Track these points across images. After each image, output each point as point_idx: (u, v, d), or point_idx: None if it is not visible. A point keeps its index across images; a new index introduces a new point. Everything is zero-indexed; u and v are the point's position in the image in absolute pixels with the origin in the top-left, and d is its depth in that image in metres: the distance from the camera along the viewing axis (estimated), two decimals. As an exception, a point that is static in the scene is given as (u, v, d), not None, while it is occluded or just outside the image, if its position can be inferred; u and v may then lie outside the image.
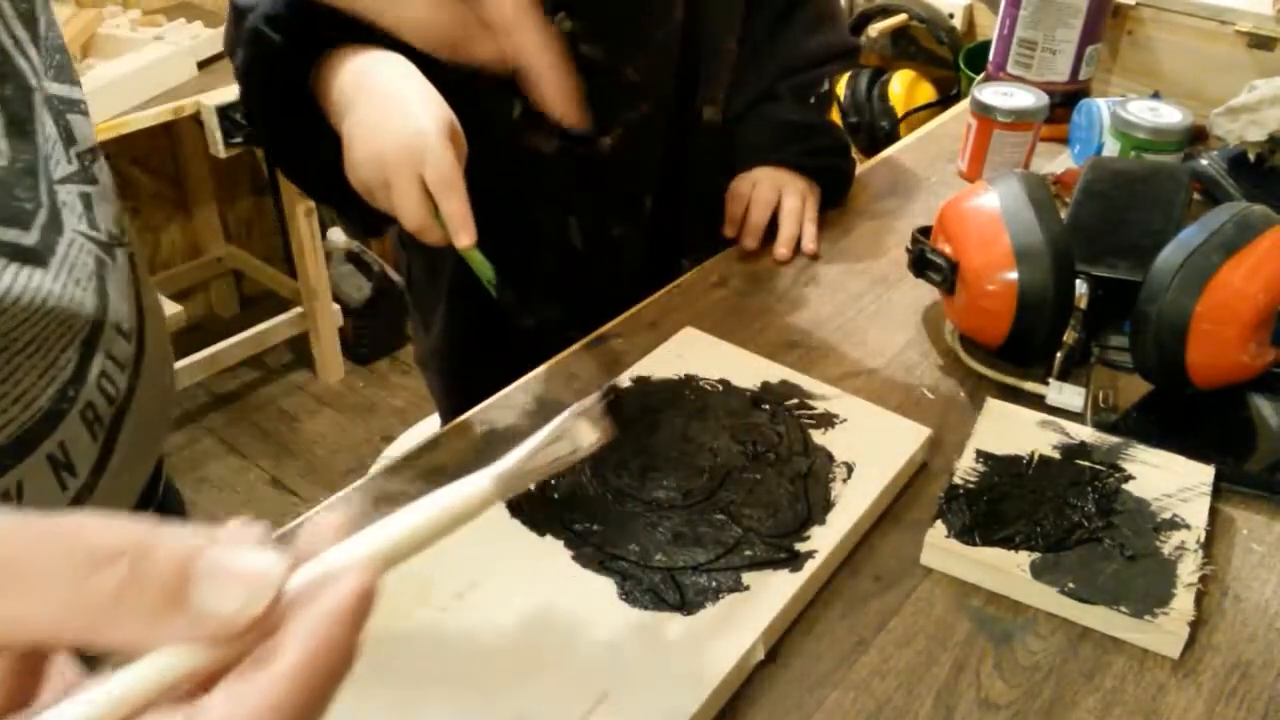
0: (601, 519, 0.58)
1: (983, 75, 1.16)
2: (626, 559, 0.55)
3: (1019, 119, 0.96)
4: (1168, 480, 0.62)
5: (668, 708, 0.48)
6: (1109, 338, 0.74)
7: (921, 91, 2.09)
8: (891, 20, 2.10)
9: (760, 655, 0.52)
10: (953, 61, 2.00)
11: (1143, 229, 0.74)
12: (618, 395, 0.35)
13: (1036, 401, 0.70)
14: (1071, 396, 0.70)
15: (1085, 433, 0.66)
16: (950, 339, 0.77)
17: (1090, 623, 0.55)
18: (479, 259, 0.64)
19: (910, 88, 2.09)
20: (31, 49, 0.48)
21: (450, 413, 1.01)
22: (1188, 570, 0.56)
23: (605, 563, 0.55)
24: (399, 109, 0.62)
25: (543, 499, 0.59)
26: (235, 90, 1.90)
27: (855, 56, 1.00)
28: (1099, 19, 1.05)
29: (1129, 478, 0.62)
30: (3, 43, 0.46)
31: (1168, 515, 0.60)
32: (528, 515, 0.58)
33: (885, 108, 2.08)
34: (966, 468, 0.63)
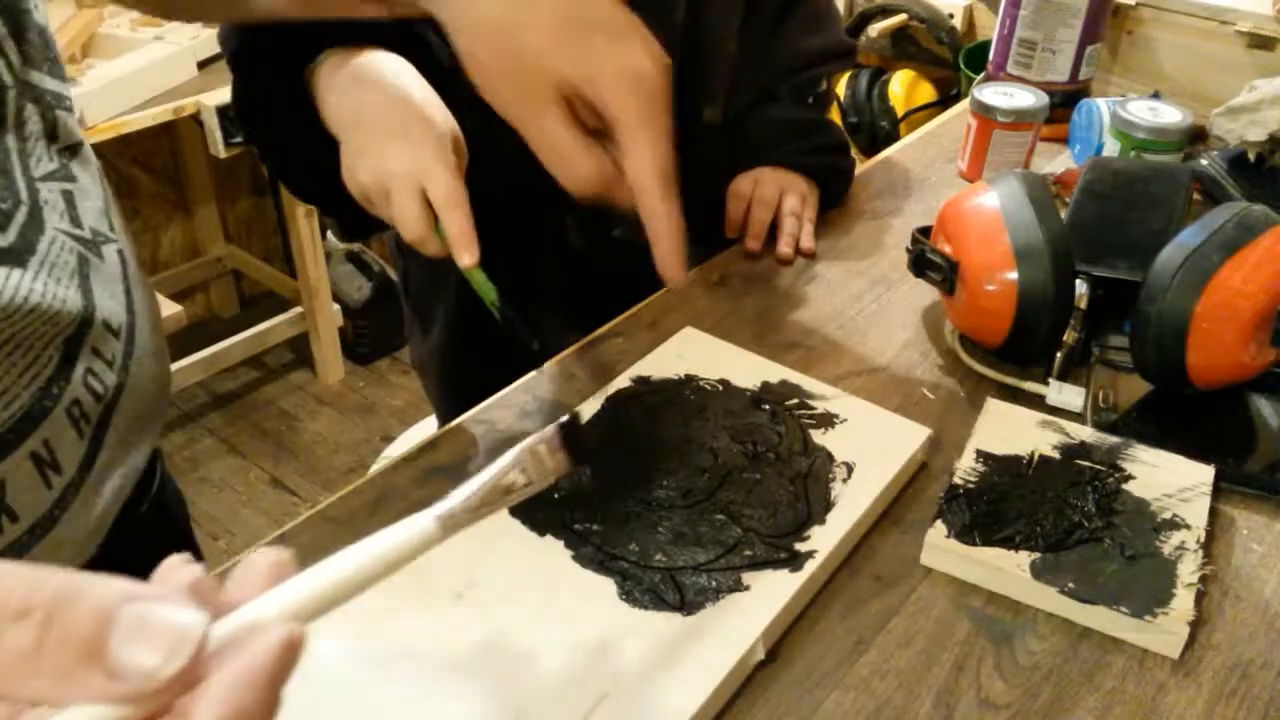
0: (601, 519, 0.58)
1: (983, 75, 1.16)
2: (626, 559, 0.55)
3: (1019, 119, 0.96)
4: (1168, 480, 0.62)
5: (668, 708, 0.48)
6: (1109, 338, 0.74)
7: (921, 91, 2.09)
8: (891, 20, 2.10)
9: (760, 655, 0.52)
10: (953, 61, 2.00)
11: (1143, 229, 0.74)
12: (578, 424, 0.35)
13: (1036, 401, 0.70)
14: (1071, 396, 0.70)
15: (1085, 433, 0.66)
16: (950, 339, 0.77)
17: (1090, 623, 0.55)
18: (481, 279, 0.63)
19: (910, 88, 2.08)
20: (10, 44, 0.47)
21: (448, 416, 1.01)
22: (1188, 570, 0.56)
23: (605, 563, 0.55)
24: (401, 118, 0.61)
25: (543, 499, 0.59)
26: (235, 90, 1.88)
27: (852, 56, 1.01)
28: (1099, 19, 1.05)
29: (1129, 478, 0.62)
30: None
31: (1168, 515, 0.60)
32: (528, 515, 0.58)
33: (885, 108, 2.08)
34: (966, 468, 0.63)
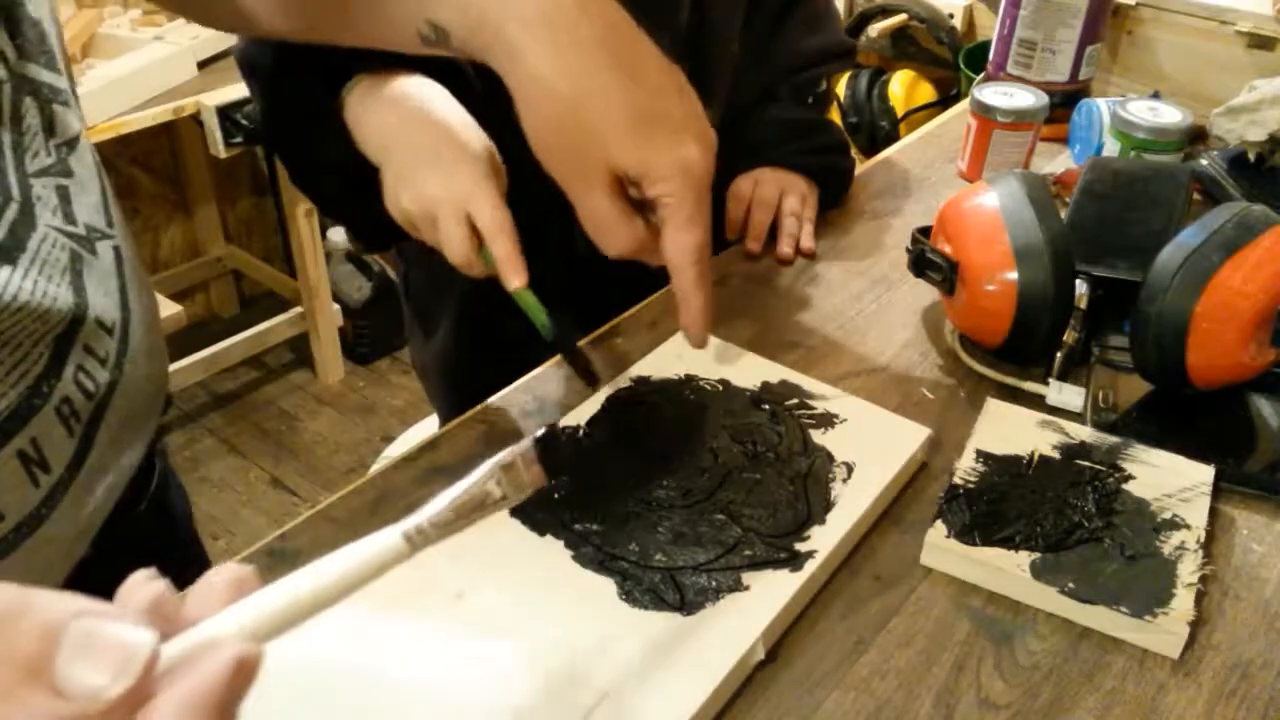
0: (601, 519, 0.58)
1: (983, 75, 1.16)
2: (626, 559, 0.55)
3: (1019, 119, 0.96)
4: (1168, 480, 0.62)
5: (668, 708, 0.48)
6: (1109, 338, 0.74)
7: (921, 91, 2.09)
8: (891, 20, 2.10)
9: (760, 655, 0.52)
10: (952, 61, 2.00)
11: (1143, 229, 0.74)
12: (555, 437, 0.34)
13: (1036, 401, 0.70)
14: (1071, 396, 0.70)
15: (1085, 433, 0.66)
16: (950, 339, 0.77)
17: (1090, 623, 0.55)
18: (531, 301, 0.64)
19: (910, 88, 2.09)
20: (3, 37, 0.47)
21: (451, 419, 1.01)
22: (1188, 570, 0.56)
23: (605, 563, 0.55)
24: (440, 143, 0.62)
25: (543, 499, 0.59)
26: (235, 90, 1.90)
27: (852, 56, 1.01)
28: (1099, 19, 1.05)
29: (1129, 478, 0.62)
30: None
31: (1168, 515, 0.60)
32: (528, 515, 0.58)
33: (885, 108, 2.08)
34: (966, 468, 0.63)
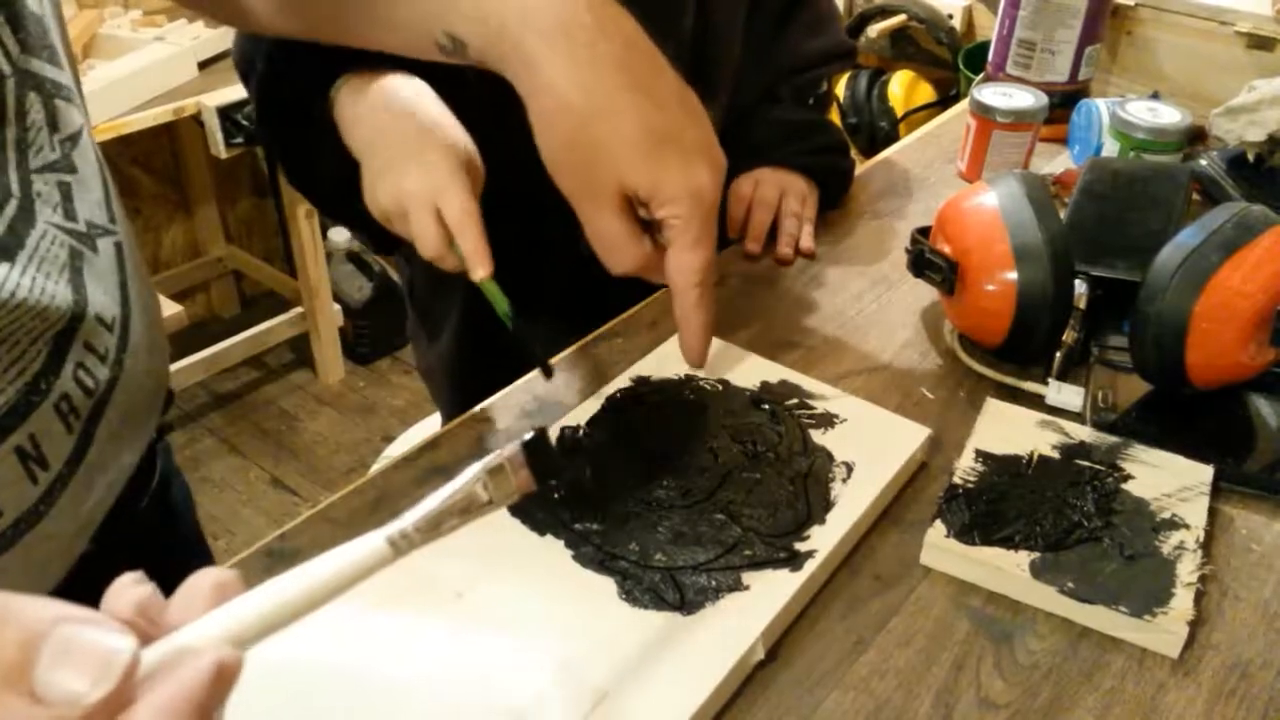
0: (601, 519, 0.58)
1: (982, 76, 1.16)
2: (626, 559, 0.55)
3: (1018, 119, 0.96)
4: (1167, 480, 0.62)
5: (668, 707, 0.48)
6: (1108, 338, 0.75)
7: (921, 92, 2.09)
8: (891, 21, 2.10)
9: (760, 655, 0.52)
10: (952, 62, 2.00)
11: (1142, 229, 0.75)
12: (544, 440, 0.34)
13: (1036, 401, 0.71)
14: (1071, 396, 0.70)
15: (1084, 432, 0.66)
16: (950, 339, 0.77)
17: (1089, 622, 0.55)
18: (495, 291, 0.65)
19: (909, 88, 2.09)
20: (6, 31, 0.47)
21: (458, 407, 1.01)
22: (1187, 570, 0.56)
23: (605, 562, 0.55)
24: (418, 141, 0.63)
25: (543, 499, 0.59)
26: (236, 91, 1.91)
27: (853, 58, 1.01)
28: (1098, 19, 1.05)
29: (1128, 477, 0.62)
30: None
31: (1167, 515, 0.60)
32: (528, 515, 0.58)
33: (884, 108, 2.08)
34: (966, 467, 0.63)
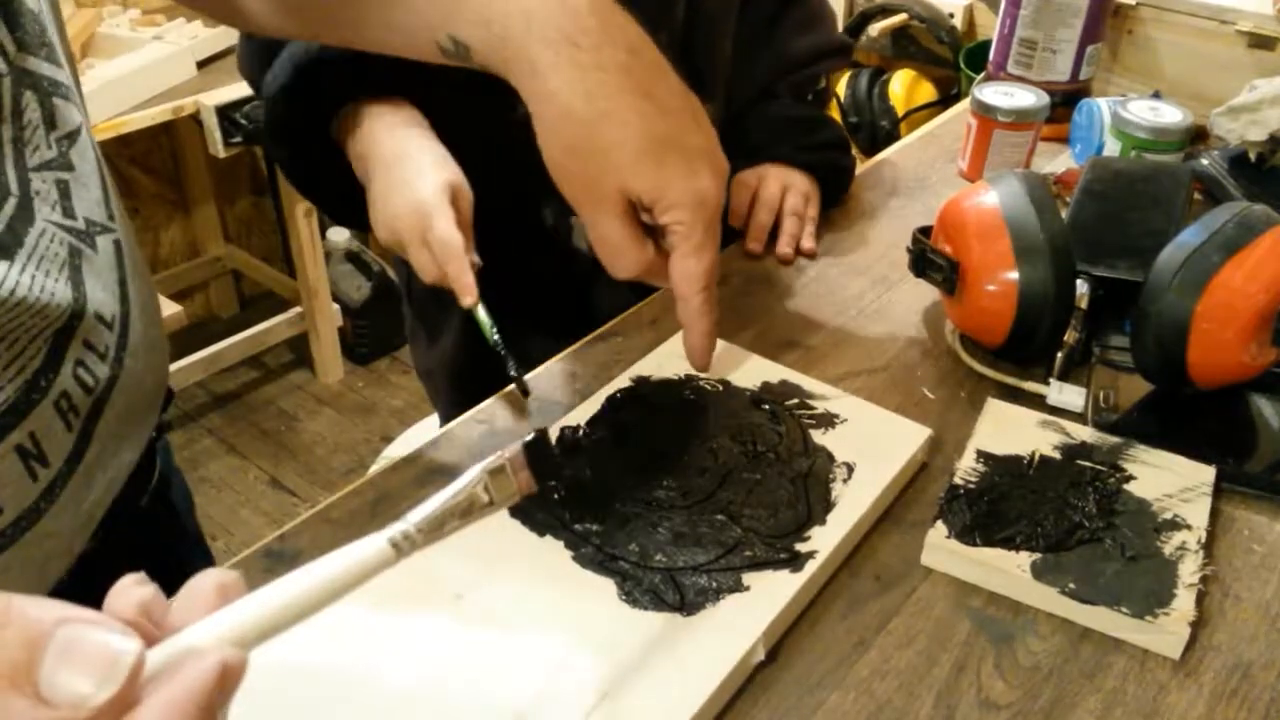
0: (601, 519, 0.58)
1: (983, 75, 1.16)
2: (626, 559, 0.55)
3: (1019, 119, 0.96)
4: (1169, 480, 0.62)
5: (668, 708, 0.47)
6: (1109, 338, 0.74)
7: (922, 91, 2.09)
8: (892, 20, 2.10)
9: (760, 656, 0.52)
10: (953, 61, 2.00)
11: (1143, 229, 0.74)
12: (545, 441, 0.35)
13: (1037, 401, 0.70)
14: (1072, 396, 0.70)
15: (1086, 433, 0.66)
16: (951, 339, 0.77)
17: (1091, 623, 0.55)
18: (481, 317, 0.70)
19: (910, 87, 2.09)
20: (2, 30, 0.47)
21: (455, 409, 1.01)
22: (1189, 571, 0.56)
23: (605, 563, 0.55)
24: (406, 178, 0.69)
25: (543, 499, 0.59)
26: (234, 90, 1.91)
27: (848, 54, 1.01)
28: (1099, 18, 1.05)
29: (1130, 478, 0.62)
30: None
31: (1169, 515, 0.60)
32: (528, 515, 0.58)
33: (885, 107, 2.08)
34: (967, 468, 0.63)
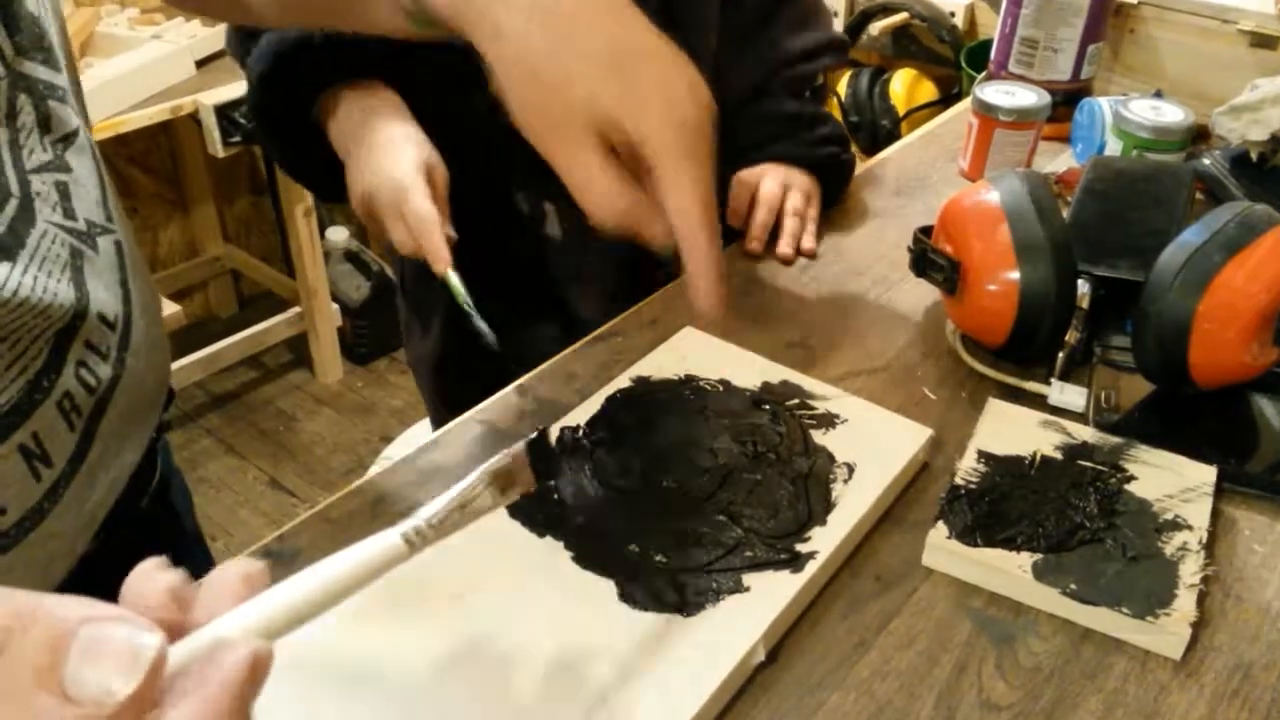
0: (602, 519, 0.57)
1: (984, 74, 1.16)
2: (626, 559, 0.55)
3: (1021, 118, 0.95)
4: (1170, 481, 0.62)
5: (668, 709, 0.47)
6: (1111, 338, 0.74)
7: (923, 90, 2.09)
8: (892, 19, 2.10)
9: (761, 656, 0.52)
10: (954, 60, 2.00)
11: (1145, 228, 0.74)
12: (546, 441, 0.35)
13: (1038, 402, 0.70)
14: (1073, 396, 0.70)
15: (1087, 433, 0.66)
16: (951, 339, 0.77)
17: (1092, 624, 0.55)
18: (454, 282, 0.72)
19: (911, 86, 2.08)
20: (1, 34, 0.47)
21: (440, 415, 1.01)
22: (1190, 571, 0.56)
23: (605, 563, 0.55)
24: (383, 156, 0.73)
25: (543, 499, 0.59)
26: (233, 90, 1.91)
27: (845, 52, 1.00)
28: (1101, 18, 1.05)
29: (1131, 478, 0.62)
30: None
31: (1170, 516, 0.59)
32: (528, 516, 0.58)
33: (886, 106, 2.07)
34: (968, 468, 0.63)
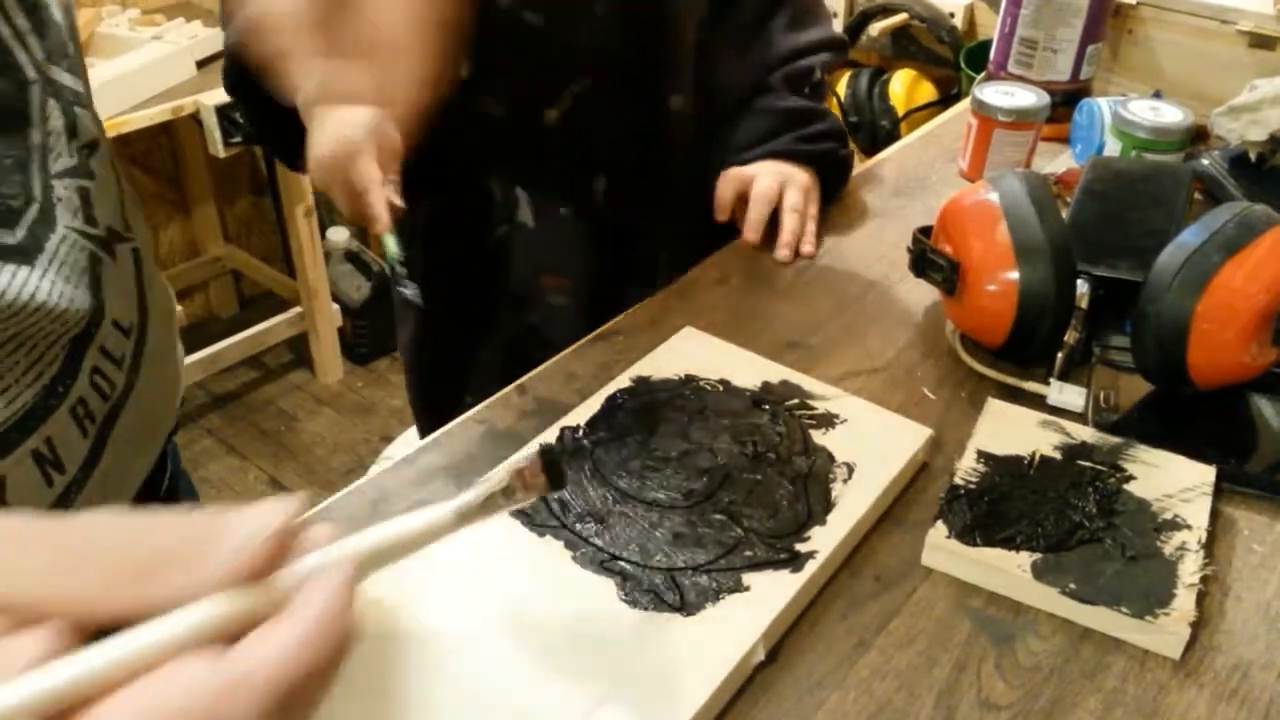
0: (602, 519, 0.58)
1: (984, 74, 1.16)
2: (627, 560, 0.55)
3: (1020, 118, 0.95)
4: (1169, 480, 0.62)
5: (668, 708, 0.47)
6: (1110, 338, 0.74)
7: (922, 91, 2.09)
8: (892, 19, 2.10)
9: (761, 656, 0.52)
10: (953, 61, 2.00)
11: (1144, 229, 0.74)
12: (555, 454, 0.36)
13: (1037, 401, 0.70)
14: (1072, 396, 0.70)
15: (1086, 433, 0.66)
16: (951, 339, 0.77)
17: (1091, 623, 0.55)
18: (390, 246, 0.73)
19: (911, 87, 2.08)
20: (33, 39, 0.47)
21: (418, 404, 1.02)
22: (1189, 571, 0.56)
23: (605, 563, 0.55)
24: (338, 123, 0.73)
25: (543, 499, 0.59)
26: (234, 89, 1.89)
27: (844, 50, 0.99)
28: (1100, 18, 1.05)
29: (1130, 478, 0.62)
30: (1, 34, 0.45)
31: (1169, 515, 0.60)
32: (528, 516, 0.58)
33: (886, 107, 2.07)
34: (967, 468, 0.63)
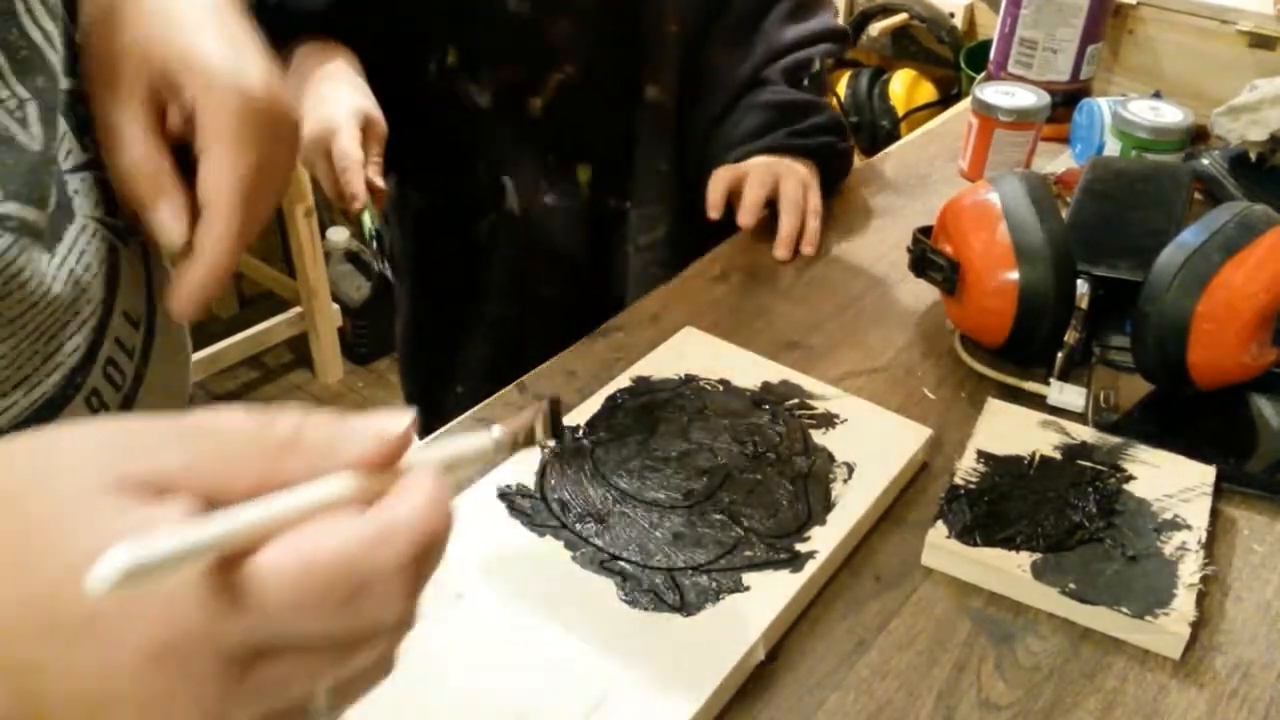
0: (602, 519, 0.58)
1: (984, 74, 1.16)
2: (627, 559, 0.55)
3: (1020, 118, 0.95)
4: (1169, 480, 0.62)
5: (668, 708, 0.48)
6: (1110, 338, 0.74)
7: (922, 91, 2.09)
8: (892, 19, 2.10)
9: (761, 656, 0.52)
10: (953, 61, 2.00)
11: (1144, 228, 0.74)
12: (558, 405, 0.36)
13: (1037, 401, 0.70)
14: (1073, 396, 0.70)
15: (1086, 433, 0.66)
16: (951, 339, 0.77)
17: (1091, 623, 0.55)
18: (366, 222, 0.77)
19: (911, 87, 2.08)
20: (59, 42, 0.48)
21: (411, 394, 1.03)
22: (1189, 571, 0.56)
23: (605, 563, 0.55)
24: (323, 103, 0.75)
25: (543, 499, 0.59)
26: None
27: (844, 41, 0.98)
28: (1100, 18, 1.05)
29: (1130, 478, 0.62)
30: (34, 37, 0.46)
31: (1169, 515, 0.60)
32: (528, 516, 0.58)
33: (886, 107, 2.08)
34: (967, 468, 0.63)
